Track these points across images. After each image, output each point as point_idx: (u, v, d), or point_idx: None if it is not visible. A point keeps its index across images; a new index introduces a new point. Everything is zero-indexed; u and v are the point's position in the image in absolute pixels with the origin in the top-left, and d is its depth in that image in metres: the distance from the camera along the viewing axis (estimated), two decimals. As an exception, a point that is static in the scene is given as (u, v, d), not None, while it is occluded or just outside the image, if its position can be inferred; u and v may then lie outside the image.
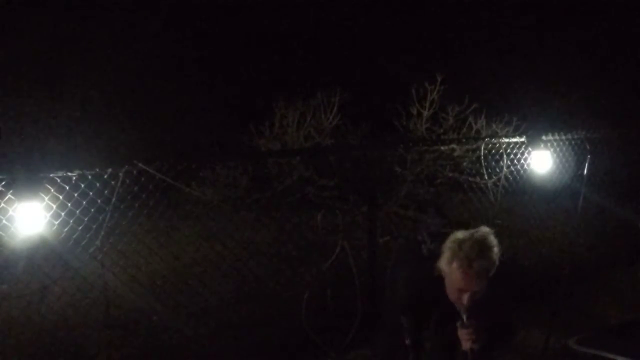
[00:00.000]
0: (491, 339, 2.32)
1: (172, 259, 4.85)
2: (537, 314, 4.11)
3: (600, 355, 3.27)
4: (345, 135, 6.78)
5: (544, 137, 4.69)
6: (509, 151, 4.80)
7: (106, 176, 3.16)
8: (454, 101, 6.36)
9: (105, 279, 3.88)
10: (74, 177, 3.05)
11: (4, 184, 2.73)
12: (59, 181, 3.00)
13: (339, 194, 5.92)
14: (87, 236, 3.48)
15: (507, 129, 6.34)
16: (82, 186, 3.16)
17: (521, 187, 5.08)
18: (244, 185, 6.16)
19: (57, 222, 3.05)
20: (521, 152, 4.84)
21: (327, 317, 3.85)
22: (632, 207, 5.85)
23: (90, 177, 3.12)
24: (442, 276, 2.30)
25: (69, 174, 2.99)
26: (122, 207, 3.69)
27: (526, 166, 4.88)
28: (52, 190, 2.96)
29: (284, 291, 4.36)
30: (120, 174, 3.18)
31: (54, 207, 2.97)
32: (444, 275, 2.28)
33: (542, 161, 4.68)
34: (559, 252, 5.20)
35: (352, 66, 9.54)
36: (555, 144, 4.87)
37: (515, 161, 4.85)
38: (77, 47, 8.32)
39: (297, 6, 10.03)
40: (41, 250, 3.83)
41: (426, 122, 6.40)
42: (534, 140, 4.65)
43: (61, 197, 3.07)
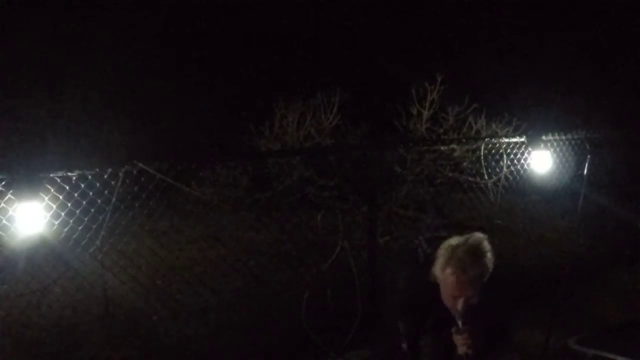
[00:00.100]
0: (487, 343, 2.33)
1: (172, 259, 4.85)
2: (537, 314, 4.11)
3: (600, 355, 3.27)
4: (345, 135, 6.78)
5: (544, 137, 4.70)
6: (509, 151, 4.80)
7: (106, 176, 3.16)
8: (454, 101, 6.36)
9: (105, 279, 3.88)
10: (74, 177, 3.05)
11: (4, 184, 2.73)
12: (59, 181, 3.00)
13: (339, 194, 5.93)
14: (87, 236, 3.49)
15: (507, 129, 6.35)
16: (82, 186, 3.16)
17: (521, 187, 5.08)
18: (244, 185, 6.17)
19: (57, 222, 3.05)
20: (521, 152, 4.84)
21: (327, 317, 3.85)
22: (632, 207, 5.85)
23: (90, 177, 3.12)
24: (437, 281, 2.31)
25: (69, 174, 2.99)
26: (122, 207, 3.69)
27: (526, 166, 4.88)
28: (52, 190, 2.96)
29: (284, 291, 4.35)
30: (120, 174, 3.18)
31: (54, 207, 2.97)
32: (439, 281, 2.29)
33: (542, 161, 4.68)
34: (559, 252, 5.20)
35: (352, 66, 9.54)
36: (555, 144, 4.87)
37: (515, 161, 4.85)
38: (77, 47, 8.32)
39: (297, 6, 10.03)
40: (41, 250, 3.83)
41: (426, 122, 6.40)
42: (534, 140, 4.65)
43: (61, 197, 3.07)
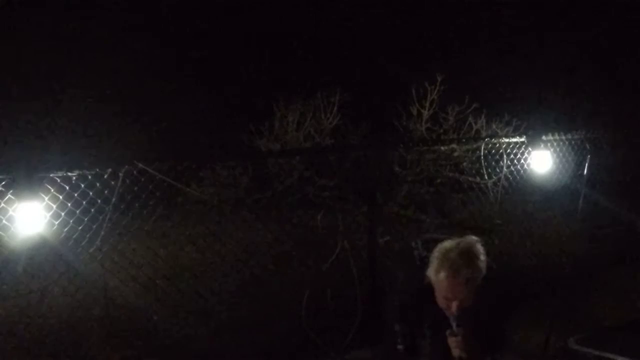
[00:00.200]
0: (481, 347, 2.34)
1: (172, 258, 4.85)
2: (537, 314, 4.11)
3: (600, 355, 3.27)
4: (345, 135, 6.78)
5: (544, 137, 4.70)
6: (509, 151, 4.80)
7: (106, 176, 3.16)
8: (454, 101, 6.36)
9: (105, 279, 3.88)
10: (74, 177, 3.05)
11: (4, 184, 2.73)
12: (59, 181, 3.00)
13: (339, 194, 5.93)
14: (87, 236, 3.48)
15: (507, 129, 6.34)
16: (82, 186, 3.16)
17: (521, 187, 5.08)
18: (244, 185, 6.16)
19: (57, 222, 3.05)
20: (521, 152, 4.84)
21: (327, 317, 3.85)
22: (632, 206, 5.85)
23: (90, 177, 3.12)
24: (432, 284, 2.32)
25: (69, 174, 2.99)
26: (122, 207, 3.69)
27: (526, 166, 4.88)
28: (52, 190, 2.96)
29: (284, 291, 4.35)
30: (120, 174, 3.19)
31: (54, 207, 2.97)
32: (433, 283, 2.30)
33: (542, 161, 4.68)
34: (559, 252, 5.20)
35: (352, 66, 9.53)
36: (555, 144, 4.87)
37: (515, 161, 4.85)
38: (77, 46, 8.32)
39: (297, 6, 10.03)
40: (41, 250, 3.83)
41: (426, 122, 6.40)
42: (534, 140, 4.65)
43: (61, 197, 3.07)
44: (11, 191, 2.72)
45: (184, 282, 4.53)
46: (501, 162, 4.86)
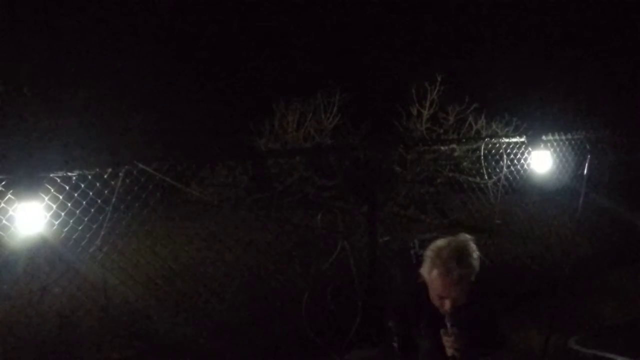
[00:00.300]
0: (474, 346, 2.35)
1: (172, 259, 4.85)
2: (537, 314, 4.11)
3: (600, 355, 3.27)
4: (345, 135, 6.78)
5: (544, 137, 4.70)
6: (509, 151, 4.80)
7: (106, 176, 3.16)
8: (454, 101, 6.36)
9: (105, 279, 3.88)
10: (74, 177, 3.05)
11: (4, 184, 2.72)
12: (59, 181, 3.00)
13: (339, 194, 5.93)
14: (87, 236, 3.48)
15: (507, 129, 6.35)
16: (82, 186, 3.16)
17: (521, 187, 5.08)
18: (244, 185, 6.17)
19: (57, 222, 3.05)
20: (521, 152, 4.84)
21: (327, 317, 3.85)
22: (632, 206, 5.85)
23: (90, 177, 3.12)
24: (426, 282, 2.34)
25: (69, 174, 2.99)
26: (122, 207, 3.69)
27: (526, 166, 4.88)
28: (52, 190, 2.96)
29: (284, 291, 4.35)
30: (120, 174, 3.18)
31: (54, 207, 2.97)
32: (426, 282, 2.32)
33: (542, 161, 4.68)
34: (559, 252, 5.20)
35: (352, 66, 9.54)
36: (555, 144, 4.87)
37: (515, 161, 4.85)
38: (77, 46, 8.32)
39: (297, 6, 10.03)
40: (41, 250, 3.83)
41: (426, 122, 6.40)
42: (534, 140, 4.65)
43: (61, 197, 3.07)
44: (11, 191, 2.72)
45: (184, 282, 4.53)
46: (501, 162, 4.85)
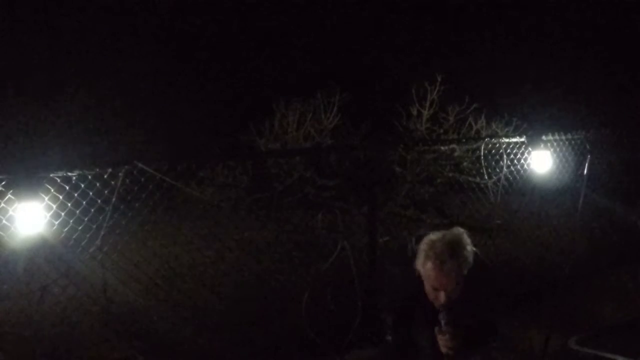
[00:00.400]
0: (468, 344, 2.38)
1: (172, 258, 4.85)
2: (537, 314, 4.11)
3: (600, 355, 3.27)
4: (345, 135, 6.78)
5: (544, 137, 4.69)
6: (509, 151, 4.80)
7: (106, 176, 3.16)
8: (454, 101, 6.36)
9: (105, 279, 3.88)
10: (74, 177, 3.04)
11: (4, 184, 2.72)
12: (59, 181, 3.00)
13: (339, 194, 5.93)
14: (87, 236, 3.48)
15: (507, 129, 6.34)
16: (82, 186, 3.16)
17: (521, 187, 5.08)
18: (244, 185, 6.16)
19: (57, 222, 3.05)
20: (521, 152, 4.83)
21: (327, 317, 3.85)
22: (632, 206, 5.85)
23: (90, 177, 3.12)
24: (421, 276, 2.37)
25: (69, 174, 2.99)
26: (122, 207, 3.69)
27: (526, 166, 4.88)
28: (52, 190, 2.96)
29: (284, 291, 4.35)
30: (120, 174, 3.18)
31: (54, 207, 2.97)
32: (421, 275, 2.35)
33: (542, 161, 4.68)
34: (559, 252, 5.20)
35: (352, 66, 9.54)
36: (555, 144, 4.87)
37: (515, 161, 4.85)
38: (77, 46, 8.32)
39: (297, 6, 10.03)
40: (41, 250, 3.83)
41: (426, 122, 6.40)
42: (534, 140, 4.65)
43: (61, 197, 3.07)
44: (11, 191, 2.72)
45: (184, 282, 4.53)
46: (501, 162, 4.85)
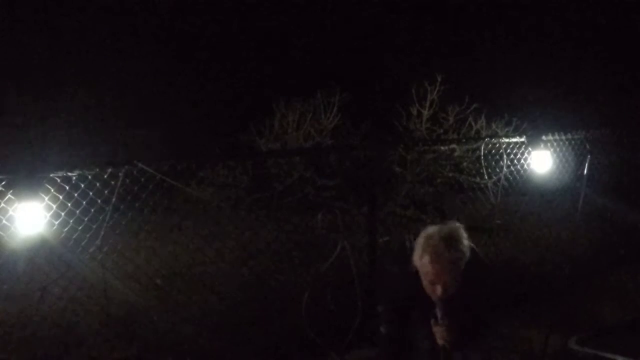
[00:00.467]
0: (464, 337, 2.41)
1: (172, 258, 4.85)
2: (537, 314, 4.11)
3: (600, 355, 3.27)
4: (345, 135, 6.78)
5: (544, 137, 4.70)
6: (509, 151, 4.80)
7: (106, 176, 3.16)
8: (454, 101, 6.36)
9: (105, 279, 3.88)
10: (74, 177, 3.04)
11: (4, 184, 2.72)
12: (59, 181, 3.00)
13: (339, 194, 5.93)
14: (87, 236, 3.48)
15: (507, 129, 6.34)
16: (82, 186, 3.16)
17: (521, 187, 5.08)
18: (244, 185, 6.16)
19: (57, 222, 3.05)
20: (521, 152, 4.83)
21: (327, 317, 3.85)
22: (633, 206, 5.85)
23: (90, 177, 3.12)
24: (418, 271, 2.40)
25: (69, 174, 2.99)
26: (122, 207, 3.69)
27: (526, 166, 4.88)
28: (52, 190, 2.96)
29: (284, 291, 4.35)
30: (120, 174, 3.18)
31: (54, 207, 2.97)
32: (418, 269, 2.38)
33: (542, 161, 4.68)
34: (559, 252, 5.20)
35: (352, 66, 9.54)
36: (555, 144, 4.87)
37: (515, 161, 4.85)
38: (77, 46, 8.32)
39: (297, 6, 10.03)
40: (41, 250, 3.83)
41: (426, 122, 6.40)
42: (534, 140, 4.65)
43: (61, 197, 3.07)
44: (11, 191, 2.72)
45: (184, 281, 4.53)
46: (501, 162, 4.85)
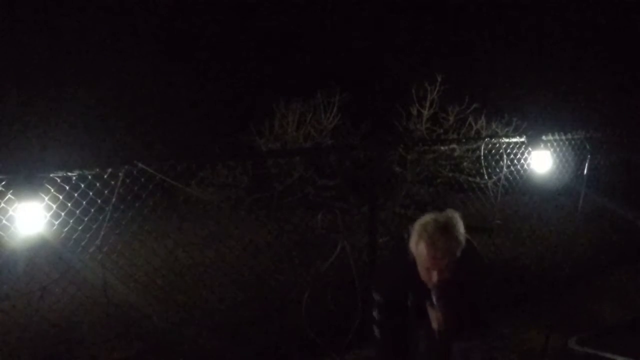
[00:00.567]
0: (460, 322, 2.44)
1: (172, 259, 4.84)
2: (537, 314, 4.12)
3: (600, 355, 3.28)
4: (345, 135, 6.78)
5: (544, 137, 4.69)
6: (509, 151, 4.80)
7: (106, 176, 3.16)
8: (454, 101, 6.36)
9: (105, 279, 3.88)
10: (74, 177, 3.04)
11: (4, 184, 2.72)
12: (59, 181, 2.99)
13: (339, 194, 5.93)
14: (87, 236, 3.48)
15: (507, 129, 6.34)
16: (82, 186, 3.15)
17: (521, 187, 5.08)
18: (244, 185, 6.16)
19: (57, 222, 3.05)
20: (521, 152, 4.83)
21: (327, 317, 3.86)
22: (632, 206, 5.85)
23: (90, 177, 3.11)
24: (414, 259, 2.42)
25: (69, 174, 2.99)
26: (122, 207, 3.69)
27: (526, 166, 4.88)
28: (52, 190, 2.95)
29: (284, 291, 4.35)
30: (120, 174, 3.18)
31: (54, 207, 2.96)
32: (415, 256, 2.40)
33: (542, 161, 4.68)
34: (559, 252, 5.20)
35: (352, 66, 9.54)
36: (555, 144, 4.87)
37: (515, 161, 4.85)
38: (77, 46, 8.32)
39: (297, 6, 10.04)
40: (41, 250, 3.83)
41: (426, 122, 6.40)
42: (534, 140, 4.65)
43: (61, 197, 3.07)
44: (11, 191, 2.72)
45: (184, 282, 4.53)
46: (501, 162, 4.85)
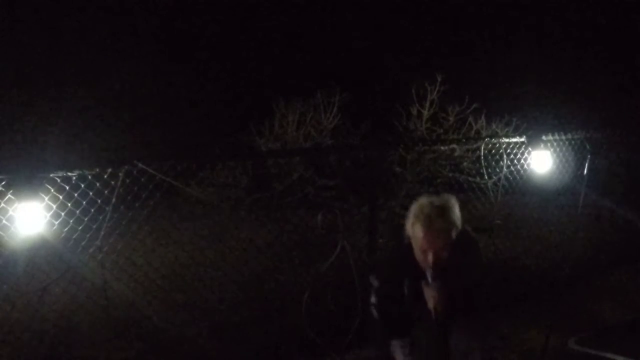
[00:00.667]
0: (454, 302, 2.46)
1: (172, 259, 4.85)
2: (537, 314, 4.11)
3: (600, 355, 3.28)
4: (345, 135, 6.78)
5: (544, 137, 4.69)
6: (509, 151, 4.80)
7: (106, 176, 3.16)
8: (454, 101, 6.36)
9: (105, 279, 3.88)
10: (74, 177, 3.04)
11: (4, 184, 2.72)
12: (59, 181, 2.99)
13: (339, 194, 5.93)
14: (87, 236, 3.48)
15: (507, 129, 6.35)
16: (82, 186, 3.15)
17: (521, 187, 5.08)
18: (244, 185, 6.17)
19: (57, 222, 3.05)
20: (521, 152, 4.83)
21: (327, 317, 3.85)
22: (633, 207, 5.85)
23: (90, 177, 3.11)
24: (411, 241, 2.46)
25: (69, 174, 2.99)
26: (122, 207, 3.69)
27: (526, 166, 4.88)
28: (52, 190, 2.95)
29: (284, 291, 4.35)
30: (120, 174, 3.18)
31: (54, 207, 2.96)
32: (411, 238, 2.44)
33: (542, 161, 4.68)
34: (559, 252, 5.20)
35: (352, 66, 9.54)
36: (555, 144, 4.86)
37: (515, 161, 4.85)
38: (77, 47, 8.32)
39: (297, 6, 10.04)
40: (41, 250, 3.82)
41: (426, 122, 6.40)
42: (534, 140, 4.64)
43: (61, 197, 3.07)
44: (11, 191, 2.72)
45: (184, 282, 4.53)
46: (501, 162, 4.85)
